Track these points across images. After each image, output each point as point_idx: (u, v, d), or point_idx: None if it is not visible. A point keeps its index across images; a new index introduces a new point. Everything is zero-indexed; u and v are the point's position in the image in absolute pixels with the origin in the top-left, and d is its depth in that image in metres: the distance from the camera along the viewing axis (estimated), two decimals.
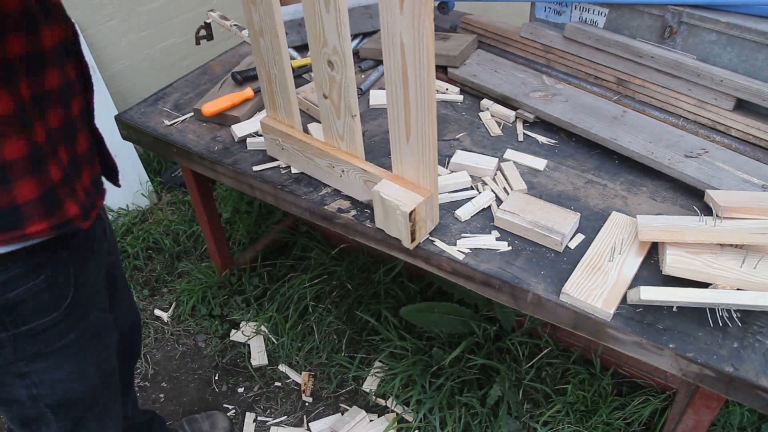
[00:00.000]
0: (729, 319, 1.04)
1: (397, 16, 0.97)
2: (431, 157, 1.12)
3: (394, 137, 1.15)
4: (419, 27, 0.95)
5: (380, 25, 1.00)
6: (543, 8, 1.64)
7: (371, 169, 1.24)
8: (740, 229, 1.08)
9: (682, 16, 1.39)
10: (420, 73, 1.01)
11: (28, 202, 0.84)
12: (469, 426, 1.73)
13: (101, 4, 2.36)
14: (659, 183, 1.35)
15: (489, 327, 1.87)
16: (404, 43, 0.99)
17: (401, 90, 1.06)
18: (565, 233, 1.17)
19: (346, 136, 1.25)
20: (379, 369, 1.90)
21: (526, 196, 1.27)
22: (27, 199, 0.84)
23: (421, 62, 0.99)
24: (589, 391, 1.76)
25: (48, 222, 0.87)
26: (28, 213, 0.84)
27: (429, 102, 1.04)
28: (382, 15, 0.99)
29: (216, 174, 1.50)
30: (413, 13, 0.94)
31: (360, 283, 2.12)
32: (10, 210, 0.83)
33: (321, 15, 1.09)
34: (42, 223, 0.86)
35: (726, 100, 1.38)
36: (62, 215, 0.89)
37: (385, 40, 1.01)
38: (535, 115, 1.53)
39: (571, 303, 1.09)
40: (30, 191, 0.84)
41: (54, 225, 0.88)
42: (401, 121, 1.10)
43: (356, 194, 1.32)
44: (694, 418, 1.27)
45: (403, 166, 1.18)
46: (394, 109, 1.10)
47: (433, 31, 0.96)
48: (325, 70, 1.16)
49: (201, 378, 1.96)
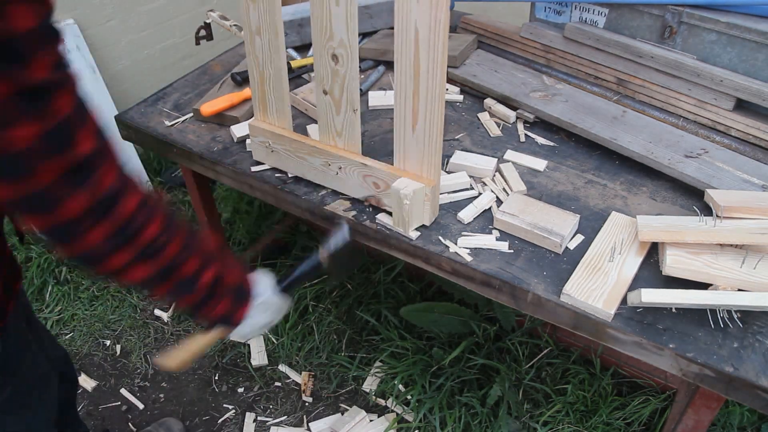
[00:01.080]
0: (729, 319, 1.04)
1: (414, 3, 0.97)
2: (436, 148, 1.12)
3: (399, 128, 1.15)
4: (436, 15, 0.96)
5: (394, 12, 1.01)
6: (543, 8, 1.64)
7: (371, 163, 1.24)
8: (740, 229, 1.08)
9: (682, 16, 1.39)
10: (434, 62, 1.02)
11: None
12: (469, 426, 1.73)
13: (101, 4, 2.35)
14: (659, 183, 1.35)
15: (489, 327, 1.87)
16: (419, 31, 1.00)
17: (411, 80, 1.07)
18: (564, 235, 1.17)
19: (345, 132, 1.25)
20: (379, 369, 1.90)
21: (525, 198, 1.27)
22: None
23: (435, 51, 1.00)
24: (589, 391, 1.76)
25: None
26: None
27: (439, 93, 1.05)
28: (398, 3, 1.00)
29: (216, 174, 1.50)
30: (431, 2, 0.95)
31: (360, 283, 2.12)
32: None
33: (330, 8, 1.09)
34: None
35: (726, 100, 1.38)
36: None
37: (399, 28, 1.02)
38: (535, 115, 1.52)
39: (571, 303, 1.09)
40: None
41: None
42: (408, 110, 1.11)
43: (353, 192, 1.32)
44: (694, 418, 1.27)
45: (406, 159, 1.19)
46: (401, 99, 1.11)
47: (448, 19, 0.97)
48: (328, 64, 1.16)
49: (201, 378, 1.96)
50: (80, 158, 0.67)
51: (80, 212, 0.69)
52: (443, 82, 1.04)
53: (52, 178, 0.65)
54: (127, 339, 2.07)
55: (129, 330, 2.10)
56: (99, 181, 0.70)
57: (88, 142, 0.67)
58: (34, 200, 0.67)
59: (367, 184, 1.27)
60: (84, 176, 0.68)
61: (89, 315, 2.14)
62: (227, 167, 1.45)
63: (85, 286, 2.22)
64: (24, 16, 0.57)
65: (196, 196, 1.89)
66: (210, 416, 1.86)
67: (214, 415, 1.86)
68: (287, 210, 1.42)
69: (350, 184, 1.30)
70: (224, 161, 1.46)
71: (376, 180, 1.25)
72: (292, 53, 1.82)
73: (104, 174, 0.70)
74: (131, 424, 1.84)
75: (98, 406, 1.89)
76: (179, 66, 2.74)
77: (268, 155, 1.40)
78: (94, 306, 2.17)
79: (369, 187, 1.27)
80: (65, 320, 2.12)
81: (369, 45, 1.79)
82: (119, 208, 0.73)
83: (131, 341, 2.06)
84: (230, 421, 1.84)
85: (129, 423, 1.85)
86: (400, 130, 1.16)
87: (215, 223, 2.00)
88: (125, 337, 2.08)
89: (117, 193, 0.72)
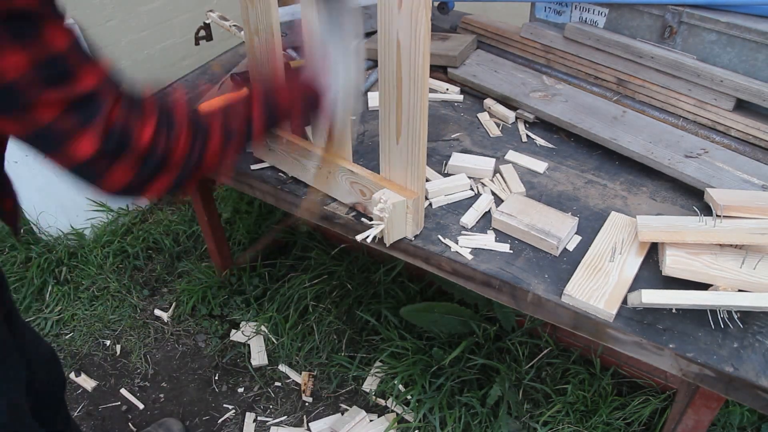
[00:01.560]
0: (729, 320, 1.04)
1: (395, 14, 0.97)
2: (420, 159, 1.11)
3: (384, 138, 1.14)
4: (416, 26, 0.95)
5: (377, 22, 1.00)
6: (543, 8, 1.64)
7: (358, 170, 1.23)
8: (740, 229, 1.08)
9: (682, 16, 1.39)
10: (414, 73, 1.01)
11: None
12: (469, 426, 1.73)
13: (101, 4, 2.35)
14: (659, 183, 1.35)
15: (489, 327, 1.87)
16: (401, 42, 0.99)
17: (394, 90, 1.06)
18: (561, 237, 1.16)
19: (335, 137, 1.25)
20: (379, 369, 1.90)
21: (524, 199, 1.27)
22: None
23: (416, 62, 0.99)
24: (589, 391, 1.76)
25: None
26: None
27: (421, 104, 1.03)
28: (380, 12, 0.99)
29: (216, 174, 1.50)
30: (411, 13, 0.94)
31: (360, 283, 2.12)
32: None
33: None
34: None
35: (726, 101, 1.38)
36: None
37: (381, 38, 1.01)
38: (535, 115, 1.52)
39: (573, 304, 1.09)
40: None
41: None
42: (392, 121, 1.10)
43: (342, 197, 1.31)
44: (694, 418, 1.27)
45: (392, 169, 1.18)
46: (386, 109, 1.10)
47: (429, 31, 0.96)
48: None
49: (201, 378, 1.96)
50: (82, 93, 0.67)
51: (93, 151, 0.68)
52: (425, 94, 1.03)
53: (54, 113, 0.65)
54: (127, 339, 2.07)
55: (129, 330, 2.10)
56: (107, 118, 0.68)
57: (91, 78, 0.67)
58: (43, 138, 0.67)
59: (354, 191, 1.26)
60: (89, 113, 0.67)
61: (89, 315, 2.14)
62: None
63: (85, 286, 2.22)
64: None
65: (196, 196, 1.90)
66: (210, 416, 1.86)
67: (214, 415, 1.86)
68: (287, 210, 1.42)
69: (340, 189, 1.30)
70: None
71: (362, 188, 1.24)
72: (292, 53, 1.82)
73: (111, 110, 0.69)
74: (131, 424, 1.84)
75: (98, 406, 1.89)
76: (179, 66, 2.74)
77: (267, 153, 1.40)
78: (94, 306, 2.16)
79: (356, 193, 1.26)
80: (65, 320, 2.12)
81: (368, 45, 1.79)
82: (135, 141, 0.71)
83: (131, 341, 2.06)
84: (230, 421, 1.84)
85: (129, 423, 1.84)
86: (384, 140, 1.15)
87: (215, 223, 2.00)
88: (125, 337, 2.08)
89: (128, 127, 0.71)
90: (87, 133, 0.68)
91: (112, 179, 0.72)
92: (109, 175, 0.71)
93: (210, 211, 1.96)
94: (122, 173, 0.72)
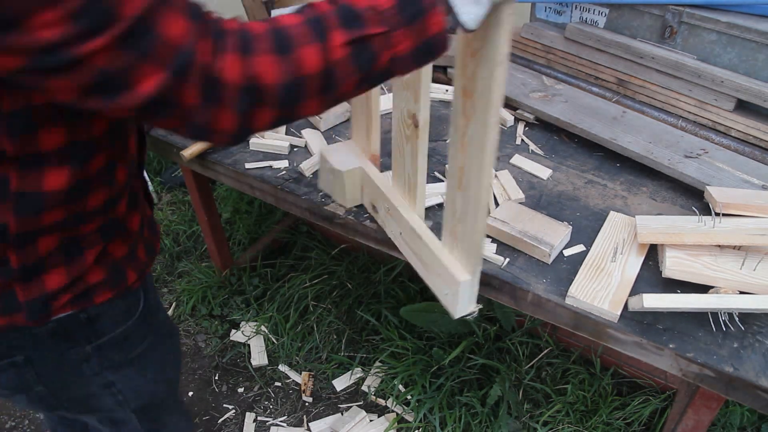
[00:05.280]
0: (730, 321, 1.04)
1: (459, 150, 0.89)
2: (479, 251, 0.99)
3: (448, 220, 1.01)
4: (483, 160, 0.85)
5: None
6: (543, 8, 1.64)
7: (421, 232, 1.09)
8: (739, 229, 1.08)
9: (682, 16, 1.39)
10: (480, 167, 0.87)
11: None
12: (469, 426, 1.73)
13: None
14: (659, 183, 1.36)
15: (489, 327, 1.88)
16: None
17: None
18: (554, 244, 1.16)
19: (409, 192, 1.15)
20: (379, 369, 1.90)
21: (518, 206, 1.26)
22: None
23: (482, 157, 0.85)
24: (589, 391, 1.76)
25: (136, 274, 0.95)
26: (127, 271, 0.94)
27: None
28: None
29: (216, 174, 1.50)
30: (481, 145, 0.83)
31: (360, 283, 2.12)
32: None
33: None
34: (133, 276, 0.95)
35: (726, 101, 1.38)
36: (140, 264, 0.96)
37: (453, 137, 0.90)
38: (534, 115, 1.53)
39: (577, 306, 1.08)
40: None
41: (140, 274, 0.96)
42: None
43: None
44: (694, 418, 1.27)
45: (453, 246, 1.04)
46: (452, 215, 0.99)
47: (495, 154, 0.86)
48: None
49: (201, 378, 1.96)
50: (127, 24, 0.56)
51: (158, 85, 0.59)
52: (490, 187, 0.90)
53: (104, 60, 0.57)
54: None
55: None
56: (164, 39, 0.58)
57: (134, 3, 0.56)
58: (102, 87, 0.59)
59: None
60: (142, 42, 0.57)
61: None
62: (227, 167, 1.45)
63: None
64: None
65: (196, 196, 1.90)
66: (210, 416, 1.86)
67: (214, 415, 1.86)
68: (287, 210, 1.42)
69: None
70: (224, 161, 1.46)
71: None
72: None
73: (167, 29, 0.58)
74: None
75: None
76: None
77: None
78: None
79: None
80: None
81: None
82: (213, 68, 0.61)
83: None
84: (230, 421, 1.84)
85: None
86: (449, 223, 1.01)
87: (215, 223, 2.00)
88: None
89: (192, 47, 0.60)
90: (147, 66, 0.59)
91: (220, 126, 0.65)
92: (181, 101, 0.62)
93: (210, 211, 1.96)
94: (191, 95, 0.62)
